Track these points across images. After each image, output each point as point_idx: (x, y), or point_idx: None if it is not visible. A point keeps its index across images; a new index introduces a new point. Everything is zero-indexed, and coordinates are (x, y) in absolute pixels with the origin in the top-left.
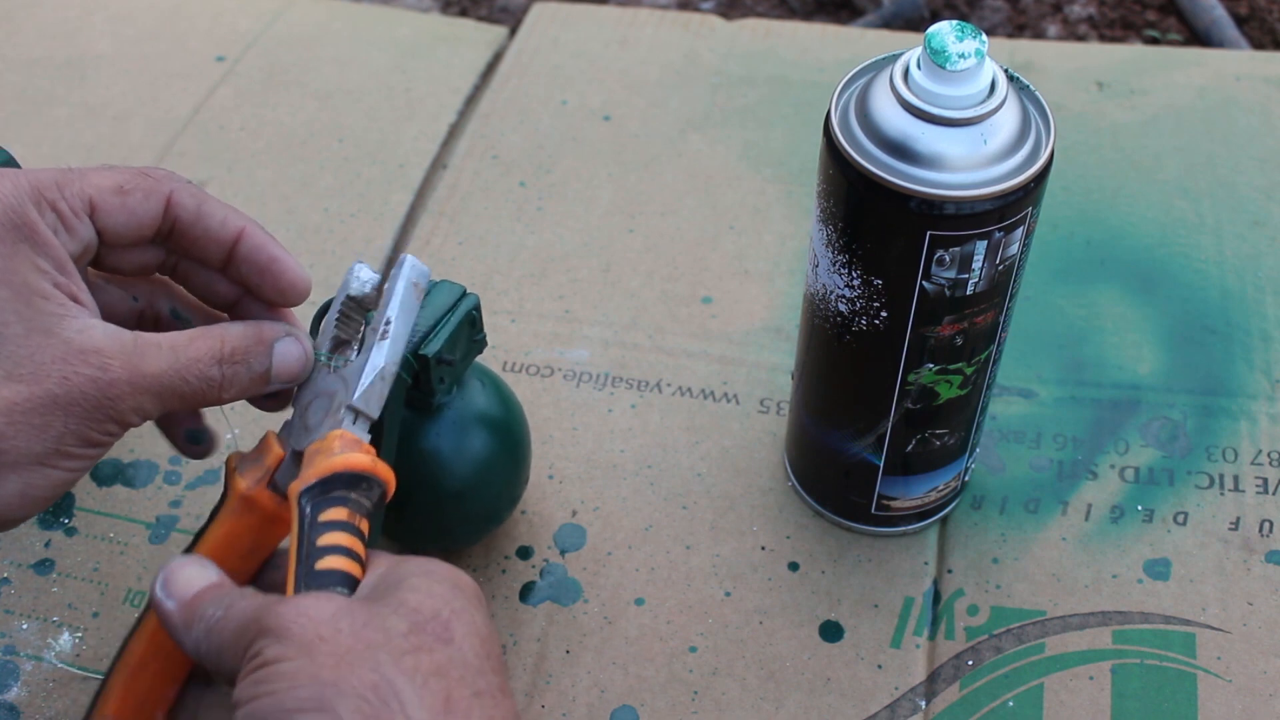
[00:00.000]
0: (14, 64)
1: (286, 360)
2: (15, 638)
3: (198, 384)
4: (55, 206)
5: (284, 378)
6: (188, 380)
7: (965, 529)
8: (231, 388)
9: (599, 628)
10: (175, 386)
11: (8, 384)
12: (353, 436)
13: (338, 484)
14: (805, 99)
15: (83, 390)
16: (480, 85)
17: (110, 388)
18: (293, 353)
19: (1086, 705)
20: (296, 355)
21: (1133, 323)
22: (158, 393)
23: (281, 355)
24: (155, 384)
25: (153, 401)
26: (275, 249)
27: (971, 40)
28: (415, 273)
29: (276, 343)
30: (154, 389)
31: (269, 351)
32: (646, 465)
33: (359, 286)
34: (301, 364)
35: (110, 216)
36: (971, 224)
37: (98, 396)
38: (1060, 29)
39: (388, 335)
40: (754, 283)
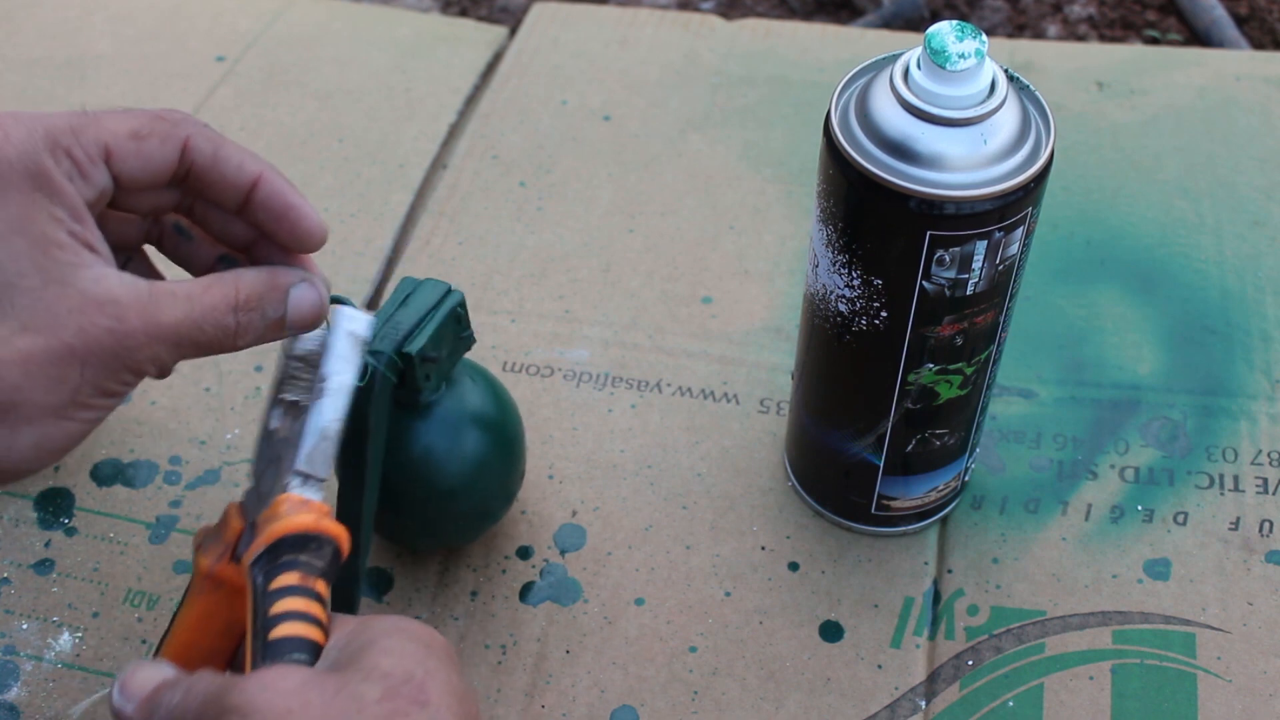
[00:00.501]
0: (14, 64)
1: (301, 306)
2: (15, 638)
3: (214, 332)
4: (70, 153)
5: (299, 324)
6: (203, 329)
7: (965, 529)
8: (247, 334)
9: (599, 628)
10: (191, 335)
11: (24, 335)
12: (299, 498)
13: (285, 548)
14: (805, 99)
15: (99, 341)
16: (480, 85)
17: (127, 338)
18: (308, 298)
19: (1086, 705)
20: (312, 300)
21: (1133, 323)
22: (174, 342)
23: (297, 301)
24: (171, 333)
25: (169, 351)
26: (293, 195)
27: (971, 40)
28: (353, 323)
29: (292, 289)
30: (170, 338)
31: (284, 298)
32: (646, 465)
33: (303, 345)
34: (317, 309)
35: (126, 162)
36: (971, 224)
37: (114, 347)
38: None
39: (325, 392)
40: (754, 283)
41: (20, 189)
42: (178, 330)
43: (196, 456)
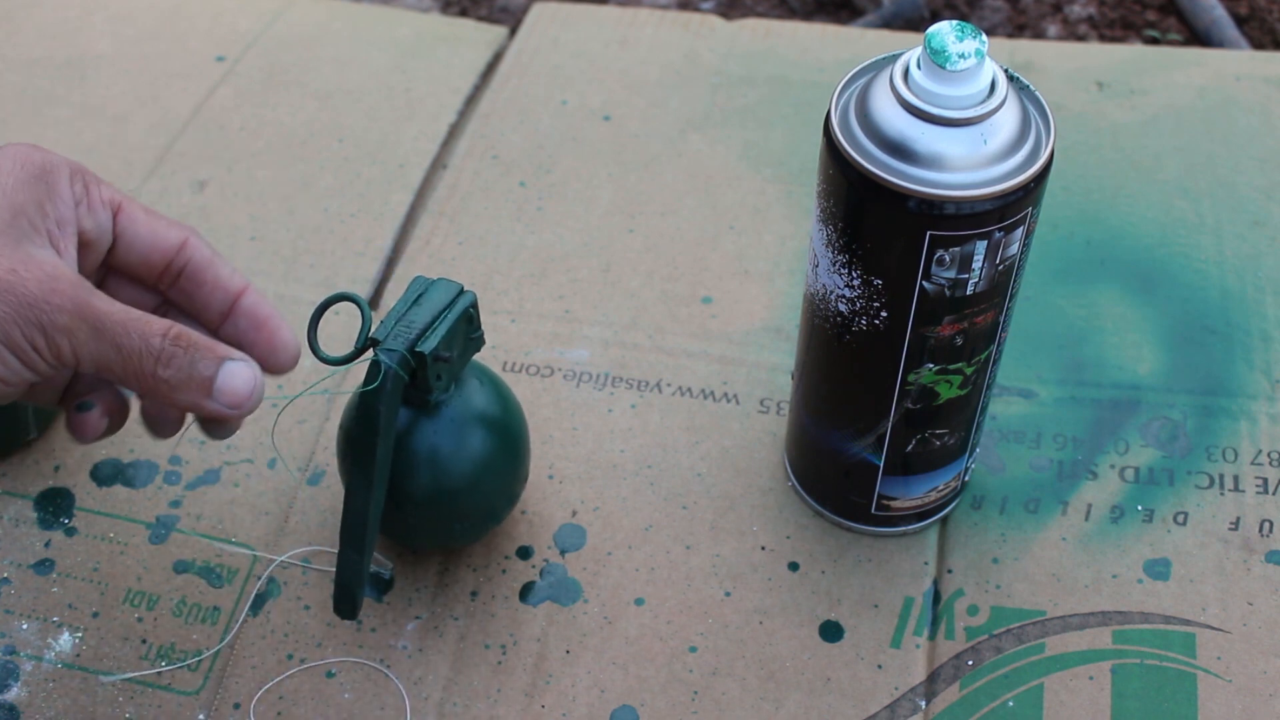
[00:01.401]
0: (14, 64)
1: (235, 379)
2: (15, 638)
3: (138, 342)
4: (87, 186)
5: (227, 397)
6: (129, 333)
7: (965, 529)
8: (169, 367)
9: (599, 628)
10: (113, 331)
11: None
12: None
13: None
14: (805, 99)
15: (25, 285)
16: (480, 85)
17: (53, 295)
18: (244, 375)
19: (1086, 705)
20: (247, 379)
21: (1133, 323)
22: (96, 327)
23: (232, 371)
24: (95, 317)
25: (89, 334)
26: (273, 310)
27: (971, 40)
28: None
29: (229, 359)
30: (93, 320)
31: (218, 362)
32: (646, 465)
33: None
34: (250, 388)
35: (133, 224)
36: (971, 224)
37: (38, 297)
38: (1060, 29)
39: None
40: (754, 283)
41: (24, 175)
42: (102, 318)
43: (196, 456)
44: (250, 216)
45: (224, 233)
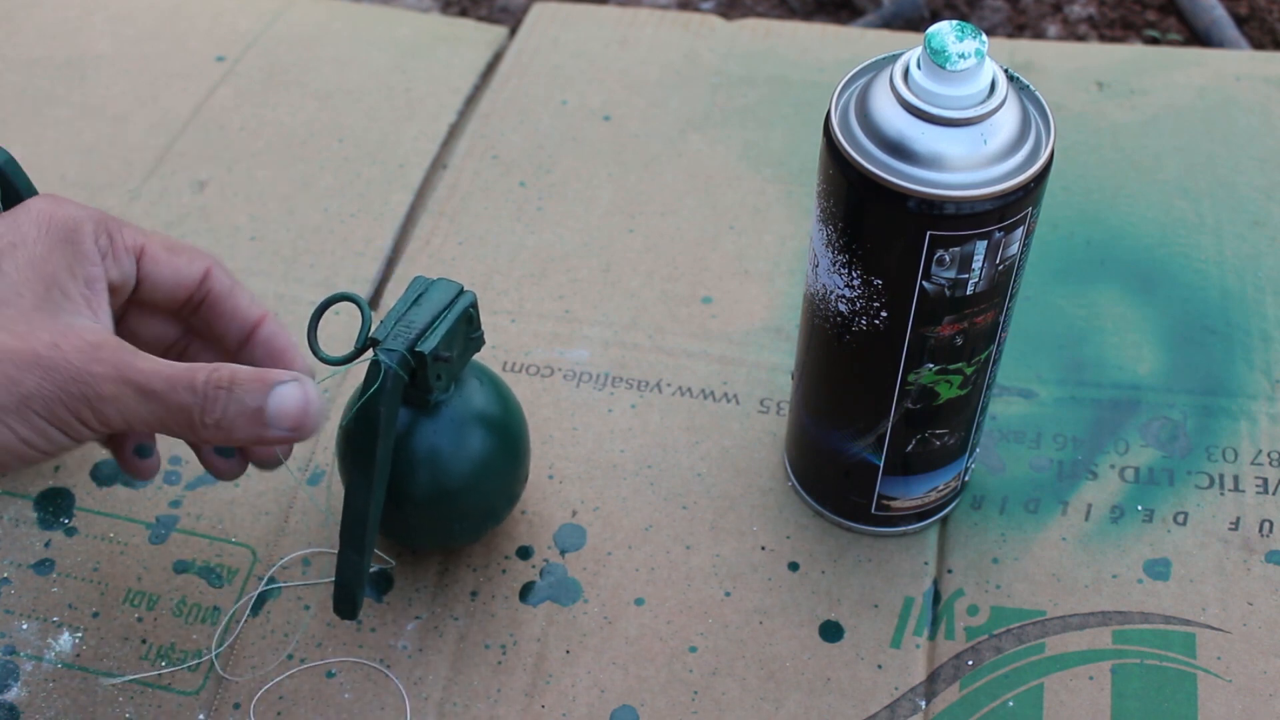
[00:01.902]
0: (14, 64)
1: (284, 403)
2: (15, 638)
3: (184, 395)
4: (110, 235)
5: (282, 422)
6: (175, 388)
7: (965, 529)
8: (214, 410)
9: (599, 628)
10: (160, 390)
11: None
12: None
13: None
14: (805, 99)
15: (68, 359)
16: (480, 85)
17: (95, 364)
18: (293, 395)
19: (1086, 705)
20: (297, 399)
21: (1133, 323)
22: (141, 388)
23: (280, 396)
24: (140, 378)
25: (134, 397)
26: (290, 339)
27: (971, 40)
28: None
29: (279, 384)
30: (137, 382)
31: (265, 391)
32: (646, 465)
33: None
34: (301, 406)
35: (156, 266)
36: (971, 224)
37: (80, 369)
38: (1060, 29)
39: None
40: (754, 283)
41: (52, 241)
42: (147, 378)
43: (196, 457)
44: (250, 216)
45: (224, 233)
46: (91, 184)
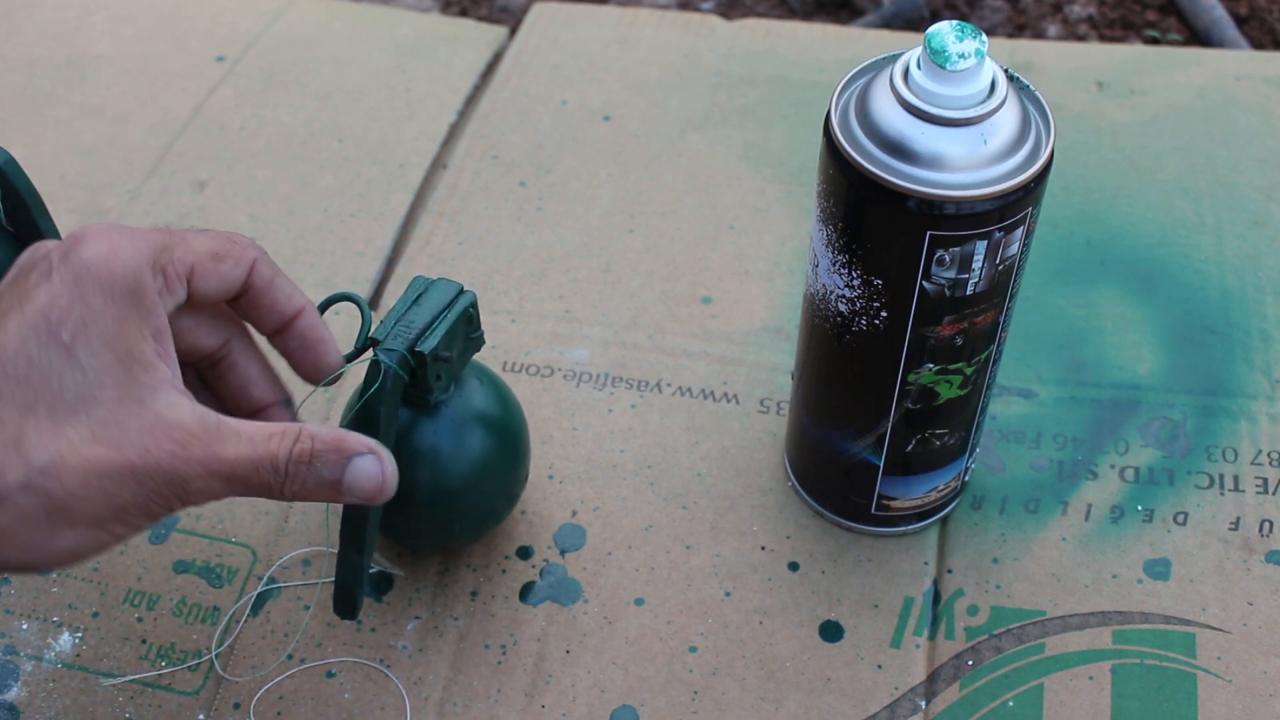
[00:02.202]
0: (14, 64)
1: (361, 475)
2: (15, 638)
3: (268, 476)
4: (165, 271)
5: (358, 493)
6: (259, 471)
7: (965, 529)
8: (295, 484)
9: (599, 628)
10: (245, 475)
11: (93, 446)
12: None
13: None
14: (805, 99)
15: (159, 464)
16: (480, 85)
17: (185, 465)
18: (370, 470)
19: (1086, 705)
20: (373, 474)
21: (1133, 323)
22: (227, 478)
23: (357, 469)
24: (227, 469)
25: (221, 485)
26: (326, 332)
27: (971, 40)
28: None
29: (357, 457)
30: (224, 473)
31: (344, 462)
32: (646, 465)
33: None
34: (377, 484)
35: (205, 280)
36: (971, 224)
37: (172, 473)
38: (1060, 29)
39: None
40: (754, 283)
41: (120, 303)
42: (234, 467)
43: None
44: (250, 216)
45: None
46: (91, 184)
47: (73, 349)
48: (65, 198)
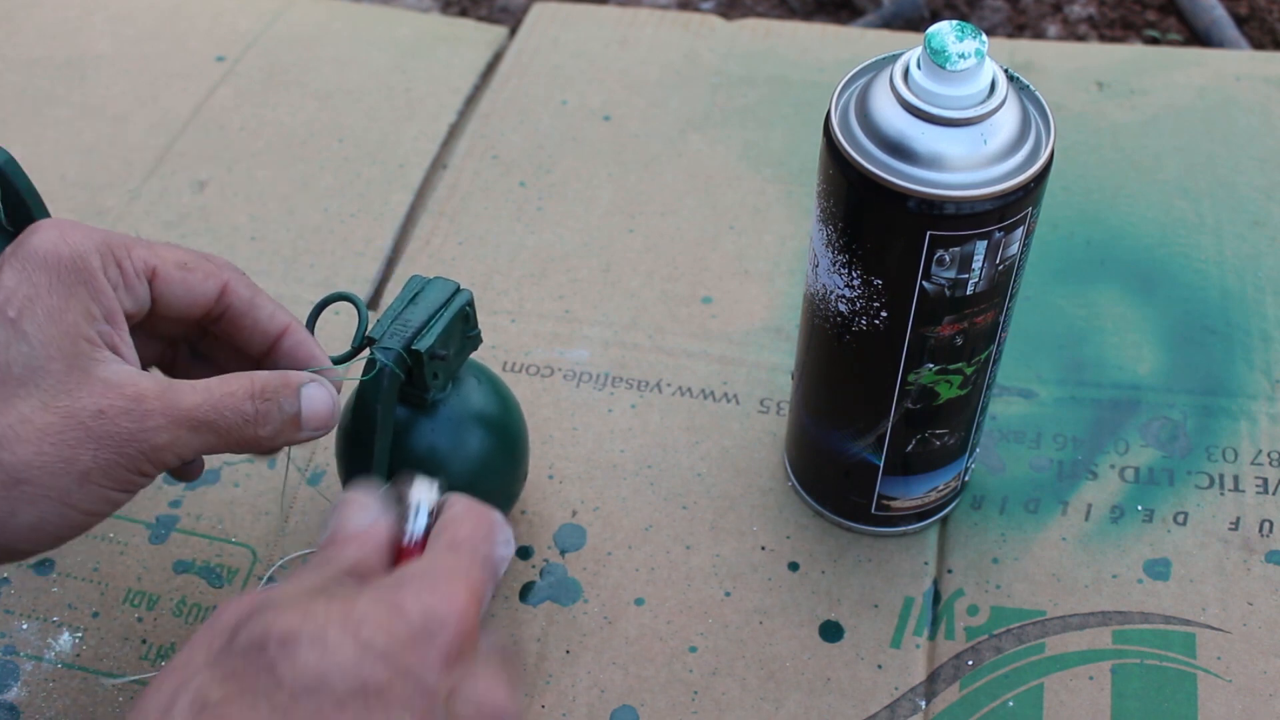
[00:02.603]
0: (14, 64)
1: (314, 404)
2: (15, 638)
3: (233, 417)
4: (120, 264)
5: (314, 422)
6: (222, 414)
7: (965, 529)
8: (266, 424)
9: (599, 628)
10: (210, 419)
11: (44, 414)
12: None
13: None
14: (805, 99)
15: (116, 423)
16: (480, 85)
17: (145, 418)
18: (320, 397)
19: (1086, 705)
20: (323, 399)
21: (1133, 323)
22: (193, 426)
23: (310, 398)
24: (190, 417)
25: (189, 435)
26: (317, 349)
27: (971, 40)
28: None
29: (303, 386)
30: (189, 422)
31: (297, 394)
32: (646, 465)
33: None
34: (329, 409)
35: (169, 286)
36: (971, 224)
37: (132, 429)
38: (1060, 29)
39: None
40: (754, 283)
41: (66, 283)
42: (196, 414)
43: None
44: (250, 216)
45: (224, 233)
46: (91, 184)
47: (19, 324)
48: (65, 198)
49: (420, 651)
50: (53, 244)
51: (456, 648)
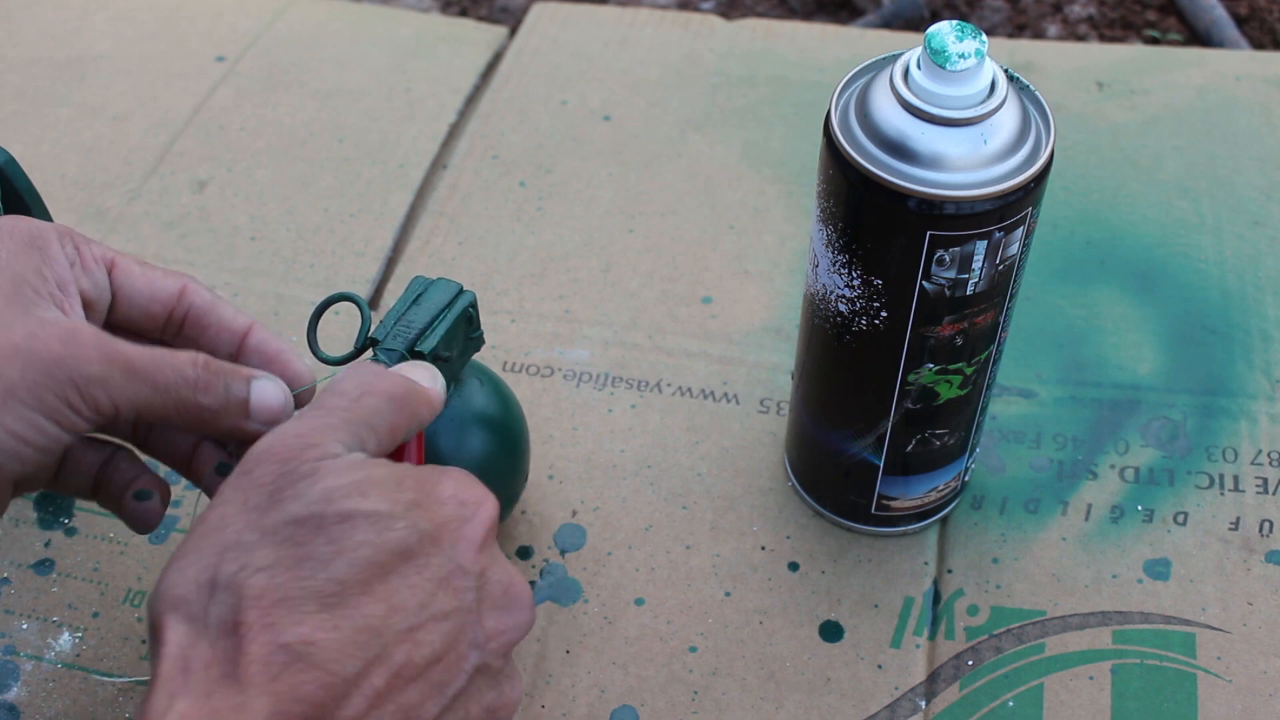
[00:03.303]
0: (14, 64)
1: (266, 396)
2: (15, 638)
3: (172, 374)
4: (78, 247)
5: (264, 415)
6: (161, 367)
7: (965, 529)
8: (208, 393)
9: (599, 628)
10: (148, 370)
11: None
12: None
13: None
14: (805, 99)
15: (47, 346)
16: (480, 85)
17: (77, 346)
18: (271, 391)
19: (1086, 705)
20: (276, 394)
21: (1133, 323)
22: (127, 369)
23: (262, 390)
24: (125, 359)
25: (123, 377)
26: (283, 343)
27: (971, 40)
28: None
29: (255, 379)
30: (124, 363)
31: (246, 383)
32: (646, 465)
33: None
34: (280, 403)
35: (129, 279)
36: (971, 224)
37: (62, 353)
38: (1060, 29)
39: None
40: (754, 283)
41: (18, 244)
42: (132, 358)
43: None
44: (250, 216)
45: (224, 233)
46: (91, 184)
47: None
48: (65, 197)
49: (458, 532)
50: (14, 222)
51: (487, 535)
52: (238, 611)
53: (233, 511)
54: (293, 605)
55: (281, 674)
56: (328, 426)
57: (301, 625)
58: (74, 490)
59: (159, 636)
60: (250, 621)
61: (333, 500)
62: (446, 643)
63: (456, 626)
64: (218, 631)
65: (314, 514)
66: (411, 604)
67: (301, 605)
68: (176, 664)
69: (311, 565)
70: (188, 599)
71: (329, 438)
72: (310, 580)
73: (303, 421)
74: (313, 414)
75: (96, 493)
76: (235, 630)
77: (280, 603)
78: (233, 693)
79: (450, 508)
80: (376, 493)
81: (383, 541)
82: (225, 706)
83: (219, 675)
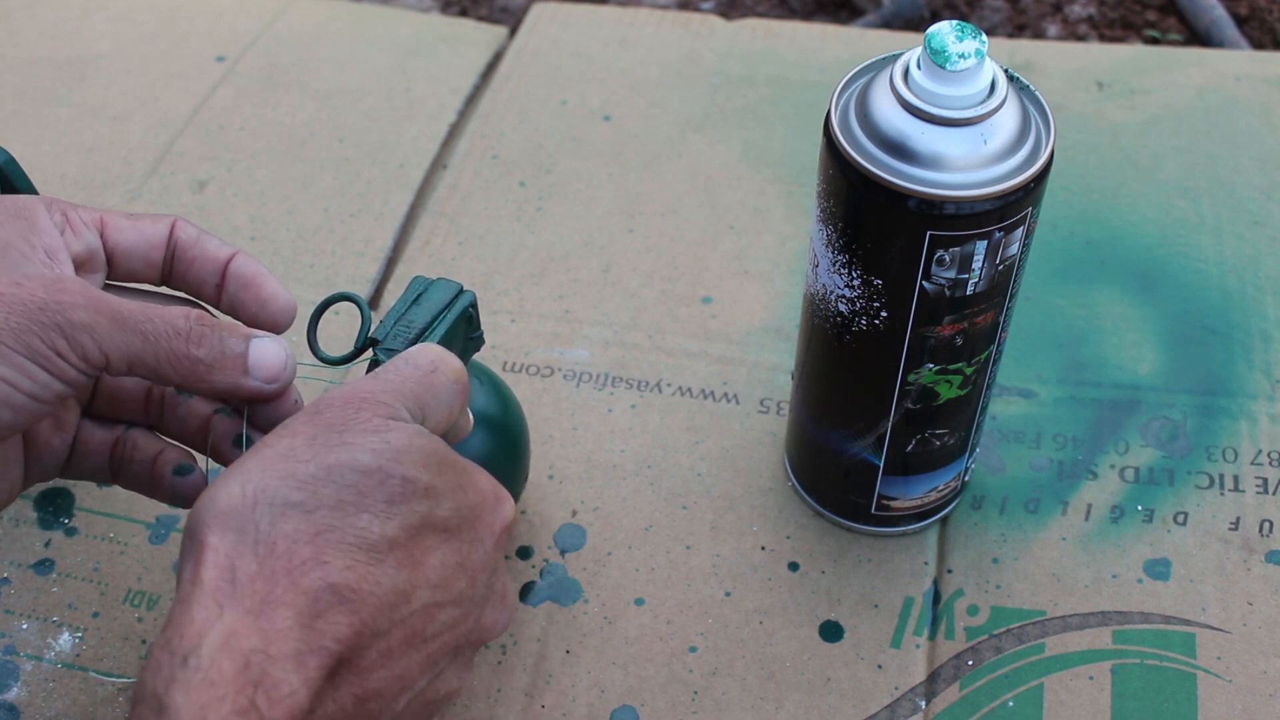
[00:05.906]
0: (14, 64)
1: (266, 354)
2: (15, 638)
3: (162, 325)
4: (65, 213)
5: (264, 373)
6: (151, 318)
7: (965, 529)
8: (201, 345)
9: (599, 628)
10: (137, 320)
11: None
12: None
13: None
14: (805, 99)
15: (32, 292)
16: (480, 85)
17: (63, 294)
18: (273, 349)
19: (1086, 705)
20: (277, 353)
21: (1133, 323)
22: (115, 318)
23: (262, 348)
24: (113, 309)
25: (110, 326)
26: (261, 267)
27: (971, 40)
28: None
29: (255, 337)
30: (111, 312)
31: (245, 339)
32: (646, 465)
33: None
34: (283, 362)
35: (121, 234)
36: (971, 224)
37: (47, 298)
38: (1060, 29)
39: None
40: (754, 283)
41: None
42: (120, 308)
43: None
44: (250, 216)
45: (224, 233)
46: (91, 184)
47: None
48: (65, 197)
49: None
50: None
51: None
52: (294, 539)
53: (300, 444)
54: (346, 550)
55: (325, 612)
56: (399, 392)
57: (350, 571)
58: (91, 474)
59: (200, 541)
60: (305, 555)
61: (401, 461)
62: (451, 623)
63: (463, 611)
64: (266, 549)
65: (380, 468)
66: (437, 579)
67: (353, 553)
68: (224, 573)
69: (368, 518)
70: (238, 510)
71: (399, 402)
72: (366, 532)
73: (378, 380)
74: (387, 375)
75: (117, 475)
76: (288, 555)
77: (336, 545)
78: (278, 618)
79: (486, 499)
80: (436, 467)
81: (432, 515)
82: (271, 630)
83: (264, 597)
